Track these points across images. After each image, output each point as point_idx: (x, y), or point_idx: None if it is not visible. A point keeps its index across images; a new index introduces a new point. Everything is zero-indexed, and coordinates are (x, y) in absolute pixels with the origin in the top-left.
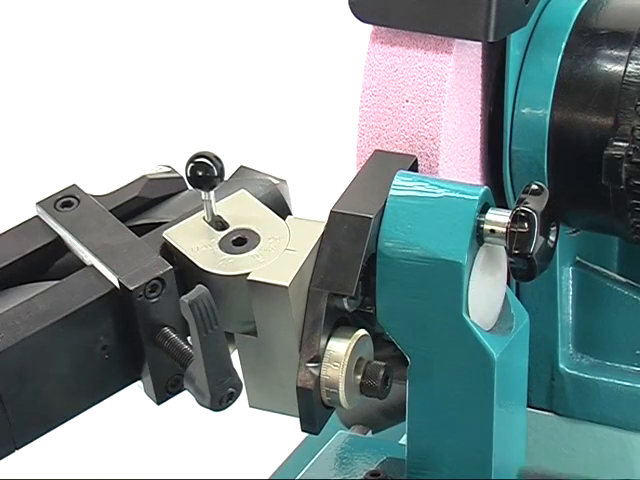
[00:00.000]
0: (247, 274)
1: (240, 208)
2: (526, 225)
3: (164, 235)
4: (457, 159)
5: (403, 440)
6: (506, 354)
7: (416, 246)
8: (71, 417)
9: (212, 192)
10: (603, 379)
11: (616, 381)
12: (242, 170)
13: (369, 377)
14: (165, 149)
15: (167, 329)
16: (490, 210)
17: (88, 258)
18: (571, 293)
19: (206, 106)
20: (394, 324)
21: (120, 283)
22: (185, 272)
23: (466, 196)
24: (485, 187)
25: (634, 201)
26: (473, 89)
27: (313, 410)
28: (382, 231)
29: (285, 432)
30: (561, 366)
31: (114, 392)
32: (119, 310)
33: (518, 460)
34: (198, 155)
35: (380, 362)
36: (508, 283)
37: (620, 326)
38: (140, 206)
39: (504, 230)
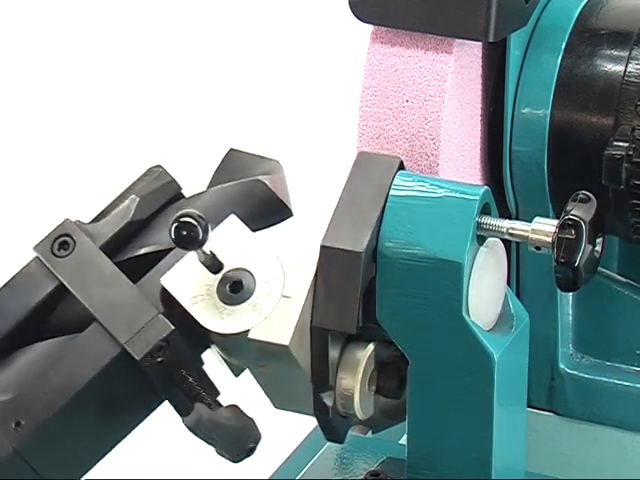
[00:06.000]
0: (248, 331)
1: (232, 240)
2: (573, 232)
3: (162, 283)
4: (457, 159)
5: (403, 440)
6: (506, 354)
7: (416, 246)
8: (104, 455)
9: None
10: (603, 379)
11: (616, 381)
12: (232, 154)
13: (384, 383)
14: (164, 149)
15: (183, 372)
16: (536, 219)
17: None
18: (571, 293)
19: (205, 106)
20: (394, 324)
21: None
22: (188, 321)
23: (466, 196)
24: (485, 187)
25: (634, 201)
26: (473, 89)
27: (333, 428)
28: (382, 231)
29: (285, 432)
30: (561, 366)
31: (140, 422)
32: (131, 366)
33: (518, 460)
34: (182, 215)
35: (392, 365)
36: (508, 283)
37: (620, 326)
38: (135, 229)
39: (550, 239)
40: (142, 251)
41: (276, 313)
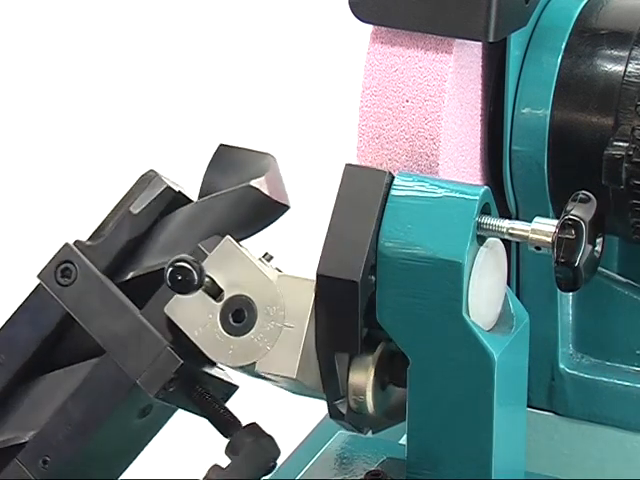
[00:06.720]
0: (254, 364)
1: (229, 265)
2: (573, 232)
3: (165, 312)
4: (457, 159)
5: (403, 440)
6: (506, 354)
7: (416, 246)
8: (130, 463)
9: None
10: (603, 379)
11: (616, 381)
12: (223, 150)
13: (395, 374)
14: (157, 146)
15: (198, 388)
16: (536, 219)
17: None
18: (571, 293)
19: (204, 105)
20: (394, 324)
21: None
22: (195, 346)
23: (466, 196)
24: (485, 187)
25: (634, 201)
26: (473, 89)
27: (350, 425)
28: (382, 231)
29: (285, 433)
30: (561, 366)
31: (159, 430)
32: (145, 394)
33: (518, 460)
34: (177, 260)
35: (400, 357)
36: (508, 283)
37: (620, 326)
38: (135, 245)
39: (550, 239)
40: (144, 271)
41: (280, 344)
